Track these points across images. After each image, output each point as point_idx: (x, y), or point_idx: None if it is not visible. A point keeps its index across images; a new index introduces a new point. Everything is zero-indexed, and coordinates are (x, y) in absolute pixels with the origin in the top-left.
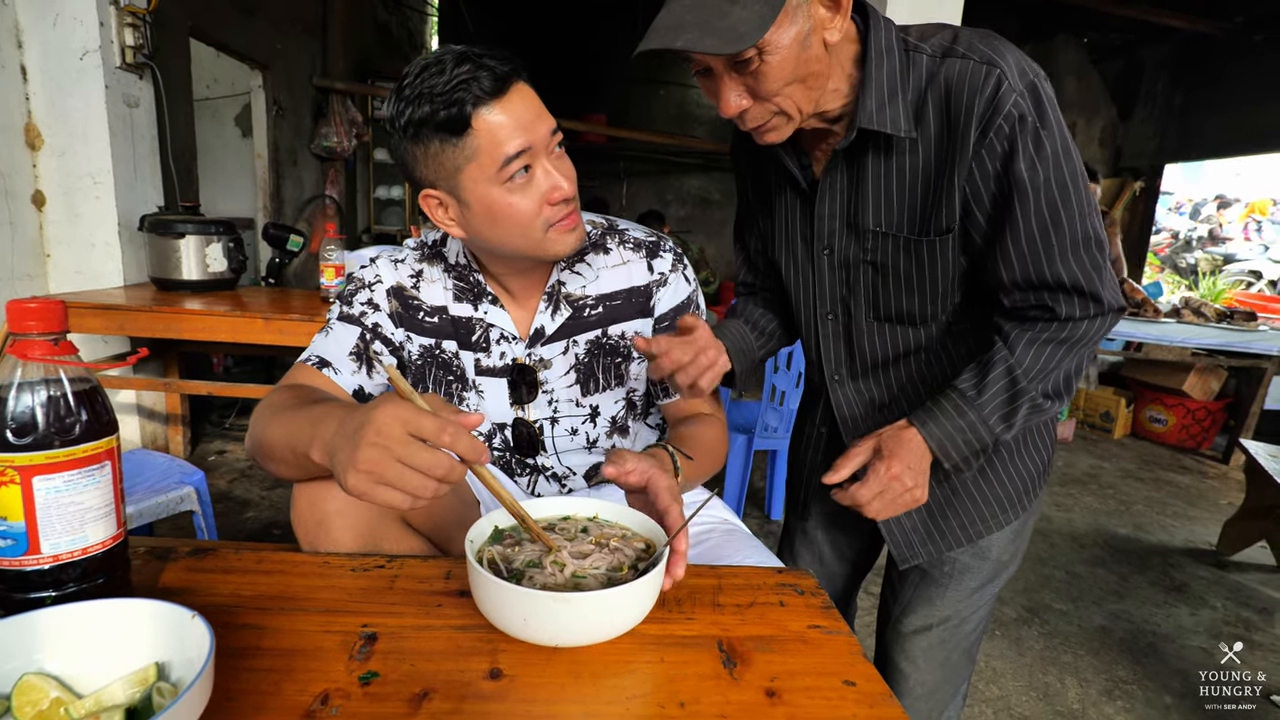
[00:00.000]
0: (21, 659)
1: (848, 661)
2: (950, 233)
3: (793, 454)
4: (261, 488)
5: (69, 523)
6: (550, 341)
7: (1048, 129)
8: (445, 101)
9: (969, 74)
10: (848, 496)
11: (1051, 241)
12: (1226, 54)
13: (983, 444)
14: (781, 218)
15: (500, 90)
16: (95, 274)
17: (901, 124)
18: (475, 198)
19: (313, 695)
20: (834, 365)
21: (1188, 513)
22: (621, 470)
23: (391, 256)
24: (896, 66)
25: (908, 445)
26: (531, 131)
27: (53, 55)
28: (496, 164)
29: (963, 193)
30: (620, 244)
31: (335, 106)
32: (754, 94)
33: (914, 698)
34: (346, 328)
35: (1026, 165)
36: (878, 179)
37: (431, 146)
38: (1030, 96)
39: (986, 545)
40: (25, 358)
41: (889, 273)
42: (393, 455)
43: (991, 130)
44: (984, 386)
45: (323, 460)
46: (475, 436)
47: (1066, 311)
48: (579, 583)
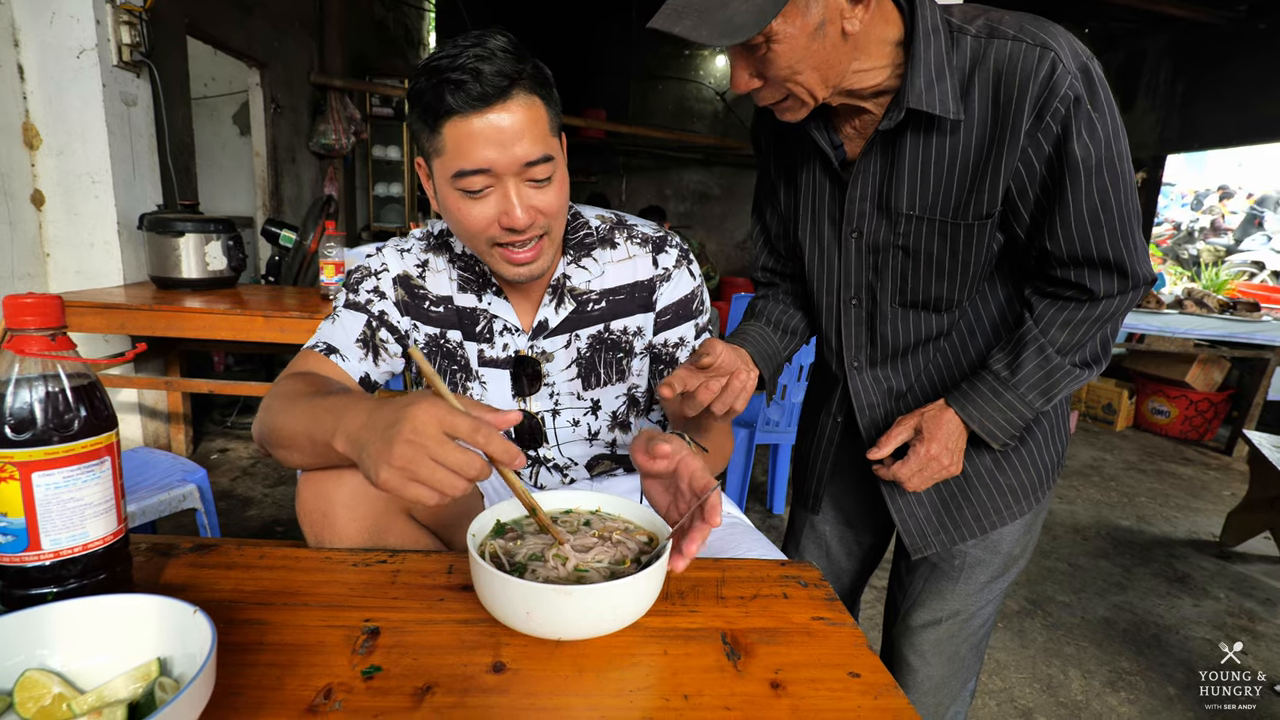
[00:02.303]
0: (24, 655)
1: (852, 653)
2: (990, 218)
3: (801, 446)
4: (264, 485)
5: (69, 518)
6: (553, 334)
7: (1099, 111)
8: (433, 94)
9: (1021, 56)
10: (889, 473)
11: (1100, 221)
12: (1229, 43)
13: (1024, 420)
14: (808, 198)
15: (484, 103)
16: (95, 273)
17: (950, 105)
18: (439, 185)
19: (316, 690)
20: (853, 352)
21: (1191, 504)
22: (656, 454)
23: (398, 246)
24: (943, 47)
25: (946, 426)
26: (502, 152)
27: (50, 54)
28: (452, 170)
29: (1012, 176)
30: (628, 239)
31: (333, 104)
32: (764, 76)
33: (921, 692)
34: (353, 315)
35: (1080, 147)
36: (915, 161)
37: (415, 122)
38: (1083, 78)
39: (998, 539)
40: (23, 353)
41: (920, 257)
42: (427, 453)
43: (1048, 113)
44: (1018, 366)
45: (347, 451)
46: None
47: (1105, 289)
48: (582, 576)
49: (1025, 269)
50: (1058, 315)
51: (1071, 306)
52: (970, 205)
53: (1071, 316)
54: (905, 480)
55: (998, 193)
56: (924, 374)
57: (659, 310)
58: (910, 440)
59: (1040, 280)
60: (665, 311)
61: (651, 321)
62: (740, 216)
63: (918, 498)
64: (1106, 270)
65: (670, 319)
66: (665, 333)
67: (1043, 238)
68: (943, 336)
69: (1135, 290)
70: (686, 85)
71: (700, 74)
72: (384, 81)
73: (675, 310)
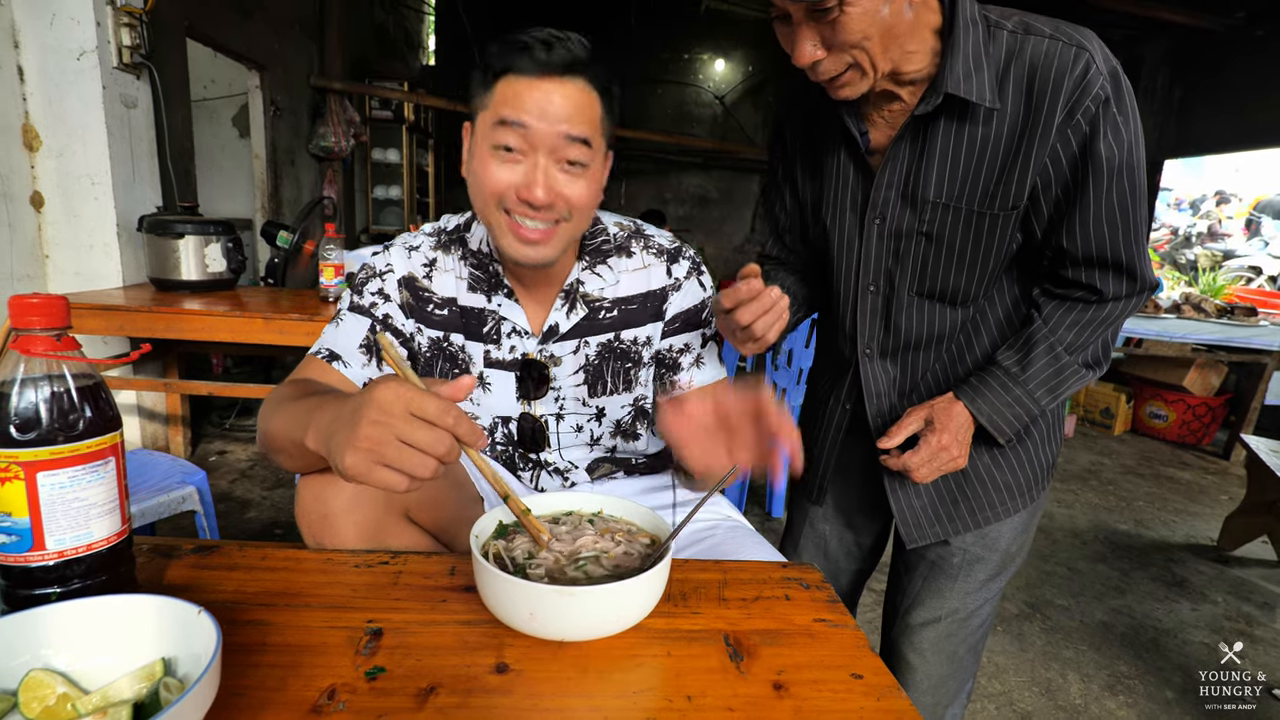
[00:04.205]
0: (28, 655)
1: (854, 654)
2: (1015, 210)
3: (806, 436)
4: (263, 488)
5: (73, 519)
6: (563, 339)
7: (1124, 115)
8: (500, 51)
9: (1058, 54)
10: (898, 463)
11: (1117, 223)
12: (1227, 49)
13: (1030, 416)
14: (832, 184)
15: (546, 70)
16: (94, 275)
17: (986, 94)
18: (477, 143)
19: (319, 690)
20: (867, 339)
21: (1188, 508)
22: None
23: (406, 244)
24: (980, 38)
25: (956, 418)
26: (544, 120)
27: (50, 56)
28: (493, 119)
29: (1039, 171)
30: (644, 249)
31: (333, 106)
32: (829, 45)
33: (920, 691)
34: (357, 319)
35: (1105, 147)
36: (945, 149)
37: (476, 78)
38: (1113, 82)
39: (996, 535)
40: (28, 353)
41: (943, 245)
42: (393, 433)
43: (1079, 111)
44: (1028, 363)
45: (317, 446)
46: (474, 420)
47: (1114, 290)
48: (585, 576)
49: (1035, 271)
50: (1066, 316)
51: (1080, 308)
52: (997, 196)
53: (1080, 317)
54: (915, 469)
55: (1025, 185)
56: (930, 371)
57: (669, 319)
58: (920, 431)
59: (1050, 282)
60: (674, 320)
61: (660, 331)
62: (739, 220)
63: (917, 490)
64: (1117, 272)
65: (679, 326)
66: (671, 339)
67: (1060, 236)
68: (952, 335)
69: (1141, 294)
70: (686, 89)
71: (699, 78)
72: (383, 85)
73: (684, 319)
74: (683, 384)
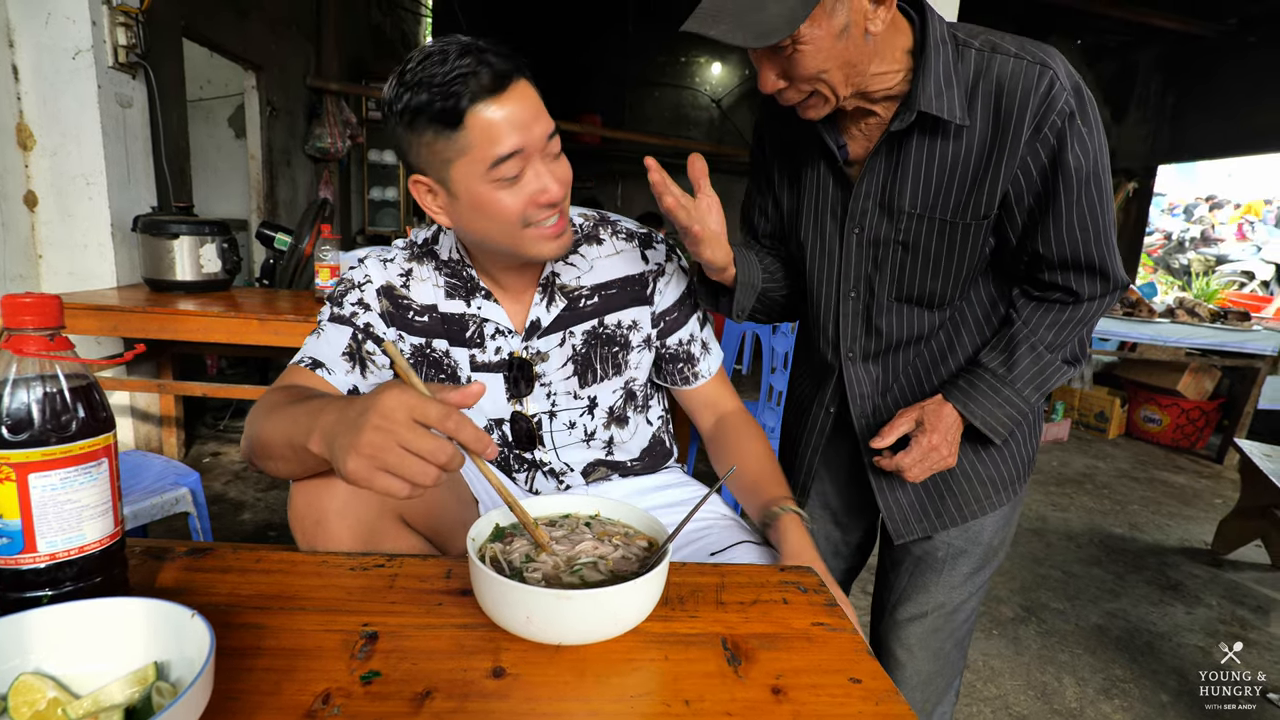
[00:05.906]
0: (18, 659)
1: (852, 659)
2: (987, 219)
3: (789, 439)
4: (256, 490)
5: (66, 521)
6: (547, 334)
7: (1088, 127)
8: (442, 93)
9: (1023, 72)
10: (891, 463)
11: (1089, 227)
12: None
13: (1020, 414)
14: (811, 194)
15: (499, 87)
16: (88, 275)
17: (957, 111)
18: (463, 190)
19: (314, 695)
20: (849, 343)
21: (1183, 512)
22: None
23: (380, 256)
24: (950, 57)
25: (946, 419)
26: (526, 132)
27: (44, 55)
28: (487, 162)
29: (1010, 181)
30: (613, 234)
31: (329, 107)
32: (789, 77)
33: (909, 688)
34: (338, 329)
35: (1073, 158)
36: (919, 162)
37: (425, 135)
38: (1076, 96)
39: (979, 529)
40: (21, 353)
41: (918, 252)
42: (395, 439)
43: (1046, 125)
44: (1013, 364)
45: (321, 450)
46: (479, 427)
47: (1089, 291)
48: (582, 580)
49: (1011, 274)
50: (1045, 316)
51: (1058, 309)
52: (969, 206)
53: (1058, 318)
54: (907, 469)
55: (995, 196)
56: (910, 366)
57: (661, 310)
58: (911, 432)
59: (1028, 284)
60: (670, 310)
61: (648, 315)
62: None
63: (904, 487)
64: (1091, 273)
65: (677, 317)
66: (677, 333)
67: (1035, 242)
68: (932, 334)
69: (1114, 293)
70: (682, 92)
71: (696, 81)
72: (380, 86)
73: (679, 306)
74: (701, 372)
